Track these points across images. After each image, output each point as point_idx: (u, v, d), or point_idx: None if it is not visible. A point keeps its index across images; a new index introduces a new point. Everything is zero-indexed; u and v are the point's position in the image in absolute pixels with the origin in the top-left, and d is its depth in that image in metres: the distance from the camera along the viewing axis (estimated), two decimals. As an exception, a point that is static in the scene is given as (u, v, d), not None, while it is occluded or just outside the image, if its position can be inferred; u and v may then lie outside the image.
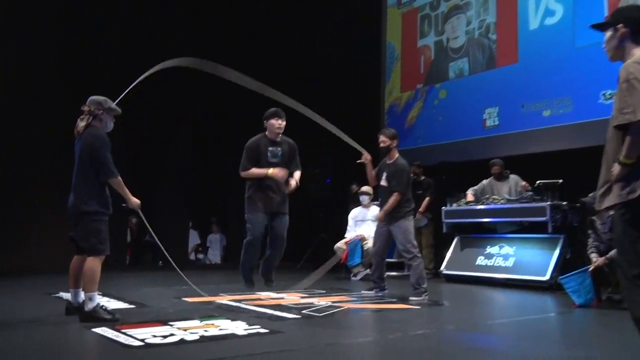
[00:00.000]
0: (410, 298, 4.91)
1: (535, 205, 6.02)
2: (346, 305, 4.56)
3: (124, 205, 3.91)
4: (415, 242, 5.12)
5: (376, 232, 5.40)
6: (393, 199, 5.01)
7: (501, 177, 6.73)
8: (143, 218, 4.19)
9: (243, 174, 4.75)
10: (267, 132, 4.76)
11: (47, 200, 8.02)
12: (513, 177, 6.66)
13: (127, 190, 3.78)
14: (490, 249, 6.51)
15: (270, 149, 4.71)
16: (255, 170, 4.70)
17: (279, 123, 4.73)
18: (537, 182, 6.17)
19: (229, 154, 10.92)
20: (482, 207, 6.56)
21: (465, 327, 3.74)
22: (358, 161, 5.18)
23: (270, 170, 4.63)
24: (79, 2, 8.60)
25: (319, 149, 9.78)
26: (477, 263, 6.51)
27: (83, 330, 3.36)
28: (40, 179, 8.15)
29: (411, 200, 5.21)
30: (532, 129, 7.16)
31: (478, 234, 6.78)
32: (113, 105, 3.86)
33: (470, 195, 6.79)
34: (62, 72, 8.24)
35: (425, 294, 4.95)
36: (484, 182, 6.86)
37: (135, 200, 3.85)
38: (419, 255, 5.10)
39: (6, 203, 7.96)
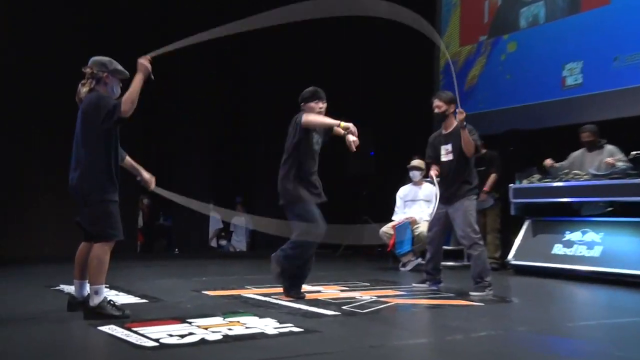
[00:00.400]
0: (471, 293, 4.87)
1: (629, 182, 5.80)
2: (394, 301, 4.56)
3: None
4: (477, 227, 5.06)
5: (433, 215, 5.37)
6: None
7: (593, 147, 6.47)
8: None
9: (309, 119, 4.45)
10: None
11: (46, 181, 8.25)
12: (609, 148, 6.38)
13: (137, 86, 3.62)
14: (569, 236, 6.36)
15: (314, 134, 4.62)
16: (326, 120, 4.44)
17: (319, 107, 4.60)
18: (633, 153, 5.94)
19: (255, 124, 11.01)
20: (560, 184, 6.38)
21: (539, 329, 3.66)
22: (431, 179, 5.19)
23: (343, 123, 4.43)
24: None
25: (360, 116, 9.70)
26: (553, 252, 6.40)
27: (88, 329, 3.42)
28: (38, 158, 8.39)
29: (474, 179, 5.14)
30: (626, 87, 6.88)
31: (554, 217, 6.63)
32: (120, 67, 3.87)
33: (549, 161, 6.56)
34: (59, 54, 8.42)
35: (489, 288, 4.90)
36: (574, 154, 6.62)
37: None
38: (481, 242, 5.04)
39: (0, 185, 8.22)
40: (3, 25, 8.50)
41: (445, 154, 5.15)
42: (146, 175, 4.18)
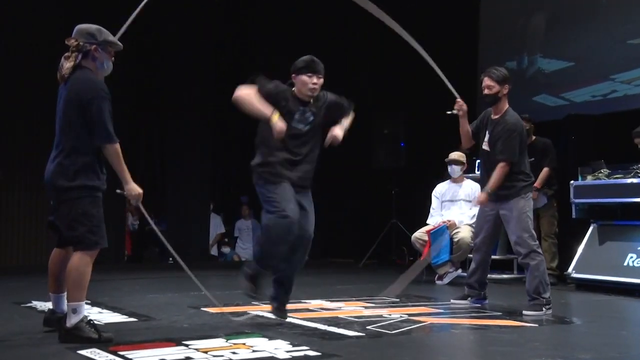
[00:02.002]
0: (525, 312, 4.85)
1: None
2: (428, 320, 4.56)
3: (118, 191, 3.89)
4: (534, 232, 5.04)
5: (479, 217, 5.34)
6: (498, 173, 4.94)
7: None
8: (144, 212, 4.37)
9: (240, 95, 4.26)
10: (294, 89, 4.50)
11: (14, 178, 8.27)
12: None
13: (125, 168, 3.73)
14: (647, 244, 6.28)
15: (301, 108, 4.44)
16: (259, 105, 4.18)
17: (312, 82, 4.42)
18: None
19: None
20: (634, 180, 6.29)
21: (606, 357, 3.62)
22: (449, 112, 5.05)
23: (276, 117, 4.20)
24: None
25: (389, 100, 9.64)
26: (625, 264, 6.31)
27: (65, 353, 3.43)
28: (5, 152, 8.38)
29: (529, 173, 5.13)
30: None
31: (626, 221, 6.55)
32: (111, 37, 3.85)
33: None
34: (31, 26, 8.47)
35: (548, 306, 4.88)
36: None
37: (135, 188, 3.79)
38: (539, 250, 5.02)
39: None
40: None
41: (486, 141, 5.15)
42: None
